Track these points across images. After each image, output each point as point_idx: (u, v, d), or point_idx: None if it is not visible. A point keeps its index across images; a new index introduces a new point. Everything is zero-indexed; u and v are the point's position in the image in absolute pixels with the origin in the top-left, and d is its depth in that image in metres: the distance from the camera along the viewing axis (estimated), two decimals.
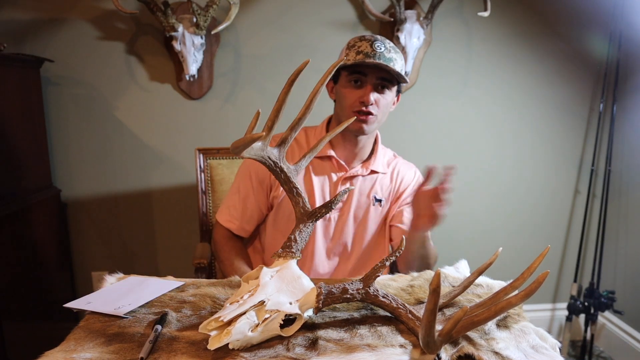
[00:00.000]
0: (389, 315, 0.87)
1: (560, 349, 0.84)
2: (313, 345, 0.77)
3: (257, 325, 0.75)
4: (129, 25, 2.04)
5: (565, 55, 2.28)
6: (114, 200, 2.17)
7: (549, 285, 2.49)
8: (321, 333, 0.80)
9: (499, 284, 1.00)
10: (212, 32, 2.00)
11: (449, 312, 0.90)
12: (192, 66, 1.97)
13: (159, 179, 2.18)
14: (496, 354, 0.76)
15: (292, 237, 0.90)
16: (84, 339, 0.78)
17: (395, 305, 0.83)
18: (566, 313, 2.32)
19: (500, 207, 2.40)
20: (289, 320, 0.80)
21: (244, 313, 0.75)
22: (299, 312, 0.80)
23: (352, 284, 0.84)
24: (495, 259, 0.87)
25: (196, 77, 2.01)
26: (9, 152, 1.77)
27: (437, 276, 0.64)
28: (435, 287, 0.64)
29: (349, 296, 0.83)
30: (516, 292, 0.76)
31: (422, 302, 0.93)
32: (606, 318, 2.43)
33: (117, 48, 2.05)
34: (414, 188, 1.38)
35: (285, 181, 0.92)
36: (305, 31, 2.10)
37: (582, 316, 2.38)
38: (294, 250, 0.88)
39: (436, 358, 0.74)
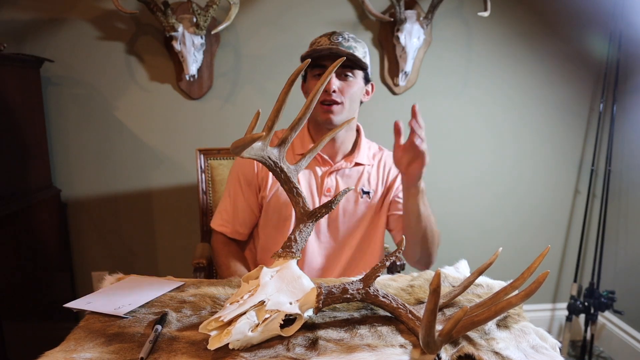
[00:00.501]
0: (389, 315, 0.87)
1: (560, 349, 0.84)
2: (313, 345, 0.77)
3: (257, 325, 0.75)
4: (129, 25, 2.04)
5: (565, 55, 2.28)
6: (114, 200, 2.17)
7: (549, 285, 2.49)
8: (321, 333, 0.80)
9: (499, 284, 1.00)
10: (212, 32, 2.00)
11: (449, 312, 0.90)
12: (192, 66, 1.97)
13: (159, 178, 2.18)
14: (496, 354, 0.76)
15: (292, 237, 0.89)
16: (84, 339, 0.78)
17: (395, 305, 0.83)
18: (566, 313, 2.32)
19: (500, 207, 2.40)
20: (289, 320, 0.80)
21: (244, 313, 0.75)
22: (299, 312, 0.80)
23: (352, 284, 0.84)
24: (495, 259, 0.87)
25: (196, 77, 2.01)
26: (9, 152, 1.77)
27: (437, 276, 0.64)
28: (435, 287, 0.64)
29: (349, 296, 0.83)
30: (516, 292, 0.76)
31: (422, 302, 0.93)
32: (606, 318, 2.43)
33: (117, 48, 2.05)
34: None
35: (285, 181, 0.92)
36: (305, 31, 2.10)
37: (582, 316, 2.37)
38: (294, 250, 0.88)
39: (436, 358, 0.74)
